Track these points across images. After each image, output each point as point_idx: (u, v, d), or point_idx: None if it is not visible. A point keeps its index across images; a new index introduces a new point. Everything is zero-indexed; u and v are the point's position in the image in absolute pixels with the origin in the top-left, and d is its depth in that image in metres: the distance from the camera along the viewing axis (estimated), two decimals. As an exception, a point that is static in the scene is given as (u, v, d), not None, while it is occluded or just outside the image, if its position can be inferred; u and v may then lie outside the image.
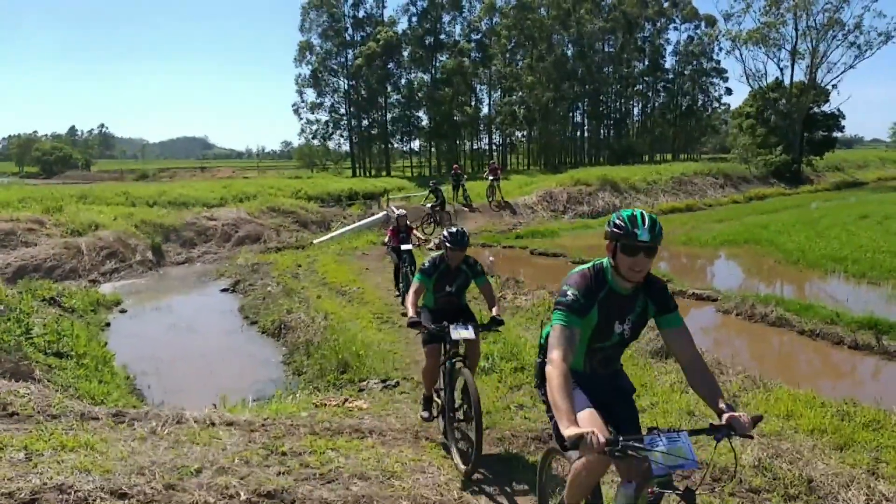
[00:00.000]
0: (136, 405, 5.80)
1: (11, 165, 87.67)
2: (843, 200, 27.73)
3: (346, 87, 47.32)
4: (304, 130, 48.47)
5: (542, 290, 10.15)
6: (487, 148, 55.87)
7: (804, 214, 21.01)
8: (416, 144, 53.49)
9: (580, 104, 55.71)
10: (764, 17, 36.19)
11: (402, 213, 10.65)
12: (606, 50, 55.81)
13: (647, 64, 58.75)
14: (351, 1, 46.09)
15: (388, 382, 6.10)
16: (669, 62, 60.71)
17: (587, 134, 59.49)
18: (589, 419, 2.47)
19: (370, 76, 45.02)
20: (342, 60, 46.84)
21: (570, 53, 52.78)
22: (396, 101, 48.50)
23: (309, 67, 46.37)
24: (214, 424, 4.52)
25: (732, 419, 2.21)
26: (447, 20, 49.24)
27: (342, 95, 47.72)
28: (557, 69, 49.23)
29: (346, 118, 48.04)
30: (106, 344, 8.21)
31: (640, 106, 63.40)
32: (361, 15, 46.75)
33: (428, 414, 4.71)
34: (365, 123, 48.34)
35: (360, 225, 19.24)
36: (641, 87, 60.52)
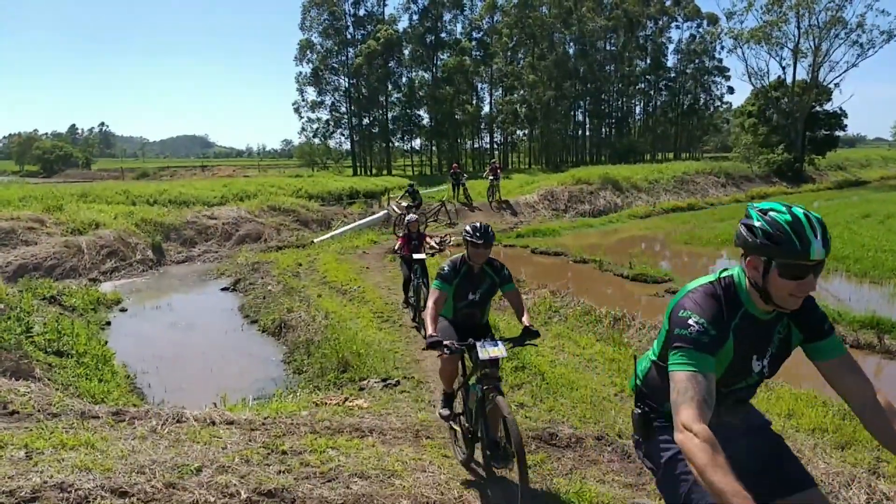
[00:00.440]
0: (136, 404, 5.81)
1: (12, 164, 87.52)
2: (845, 199, 27.69)
3: (346, 85, 47.22)
4: (304, 129, 48.33)
5: (543, 288, 10.15)
6: (489, 147, 55.84)
7: (806, 214, 20.95)
8: (417, 143, 53.44)
9: (582, 103, 55.59)
10: (766, 15, 36.25)
11: (412, 217, 9.41)
12: (608, 48, 55.67)
13: (648, 62, 58.63)
14: (351, -1, 46.11)
15: (388, 381, 6.10)
16: (671, 61, 60.67)
17: (588, 133, 59.30)
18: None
19: (371, 74, 44.93)
20: (343, 59, 46.74)
21: (571, 52, 52.65)
22: (397, 99, 48.40)
23: (309, 66, 46.28)
24: (215, 423, 4.52)
25: None
26: (448, 18, 49.13)
27: (343, 94, 47.62)
28: (559, 68, 49.15)
29: (346, 117, 47.95)
30: (106, 342, 8.20)
31: (641, 105, 63.26)
32: (362, 13, 46.64)
33: (448, 412, 4.17)
34: (366, 122, 48.23)
35: (360, 224, 19.26)
36: (643, 85, 60.34)
